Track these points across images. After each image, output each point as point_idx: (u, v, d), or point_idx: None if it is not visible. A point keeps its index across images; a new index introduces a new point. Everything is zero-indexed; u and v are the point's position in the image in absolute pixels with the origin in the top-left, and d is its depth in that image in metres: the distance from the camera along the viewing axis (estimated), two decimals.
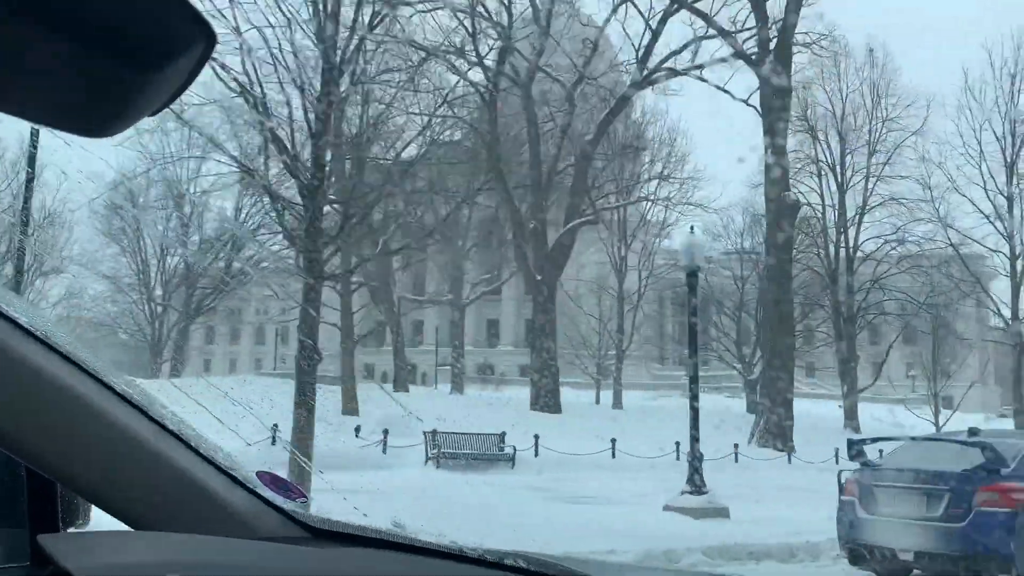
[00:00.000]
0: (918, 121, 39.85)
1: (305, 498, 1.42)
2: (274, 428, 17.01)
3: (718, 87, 35.07)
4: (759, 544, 10.73)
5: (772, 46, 30.33)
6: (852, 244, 42.87)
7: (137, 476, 1.18)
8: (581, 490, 17.00)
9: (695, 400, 14.47)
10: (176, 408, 1.33)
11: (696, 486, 14.09)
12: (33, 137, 13.72)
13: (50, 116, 0.83)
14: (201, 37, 0.79)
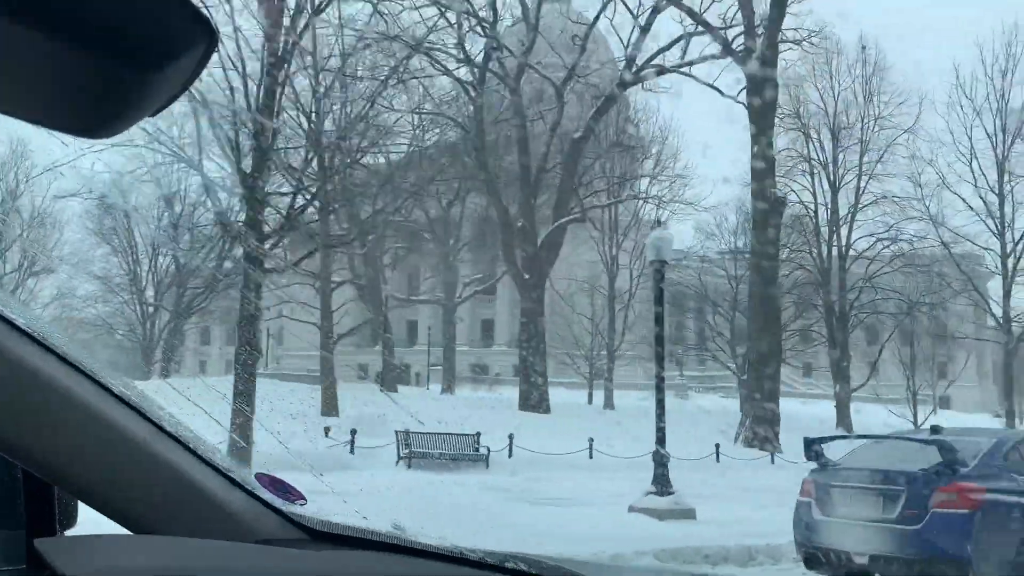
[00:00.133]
0: (910, 119, 39.53)
1: (304, 500, 1.42)
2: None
3: (707, 84, 34.84)
4: (717, 546, 10.36)
5: (758, 42, 29.96)
6: (844, 243, 42.54)
7: (135, 478, 1.18)
8: (552, 491, 16.65)
9: (661, 397, 14.08)
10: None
11: (662, 486, 13.70)
12: None
13: (50, 117, 0.81)
14: (202, 36, 0.77)
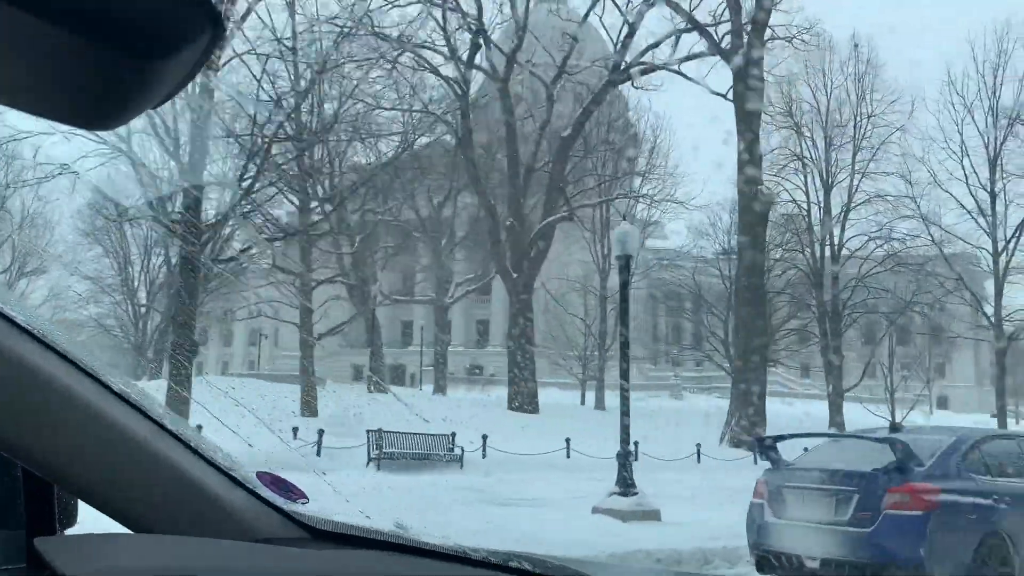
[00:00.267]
0: (903, 117, 39.14)
1: (306, 499, 1.39)
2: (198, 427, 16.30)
3: (695, 81, 34.53)
4: (670, 549, 9.99)
5: (745, 38, 29.62)
6: (837, 242, 42.18)
7: (135, 477, 1.16)
8: (522, 491, 16.31)
9: (626, 396, 13.72)
10: None
11: (625, 487, 13.33)
12: None
13: (52, 109, 0.79)
14: (207, 25, 0.73)
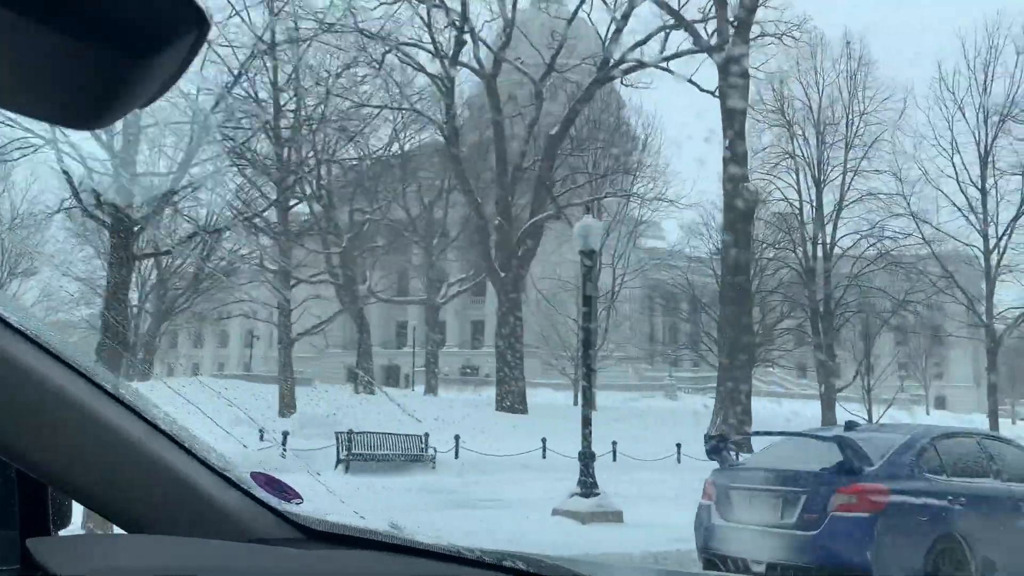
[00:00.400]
0: (895, 115, 38.79)
1: (300, 499, 1.36)
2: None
3: (682, 77, 34.21)
4: (620, 553, 9.67)
5: (730, 34, 29.30)
6: (829, 240, 41.81)
7: (130, 478, 1.15)
8: (489, 493, 15.99)
9: (588, 395, 13.38)
10: None
11: (587, 488, 12.98)
12: None
13: (40, 108, 0.79)
14: (193, 24, 0.74)
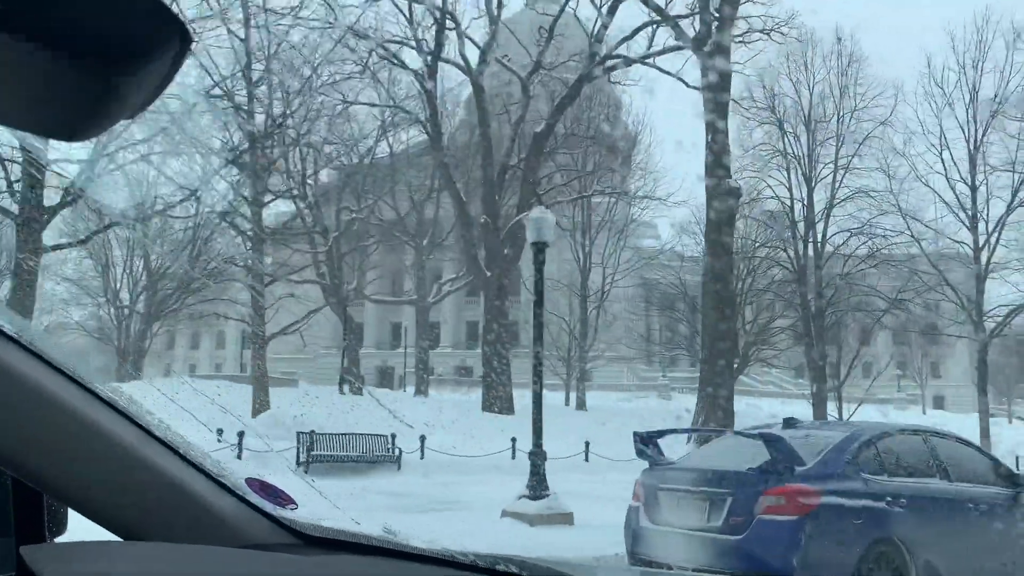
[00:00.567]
0: (886, 111, 38.35)
1: (295, 504, 1.37)
2: None
3: (670, 74, 33.83)
4: (557, 558, 9.22)
5: (712, 27, 28.87)
6: (820, 238, 41.38)
7: (124, 484, 1.14)
8: (451, 494, 15.63)
9: (538, 393, 12.98)
10: None
11: (537, 489, 12.57)
12: None
13: (27, 120, 0.78)
14: (176, 39, 0.75)
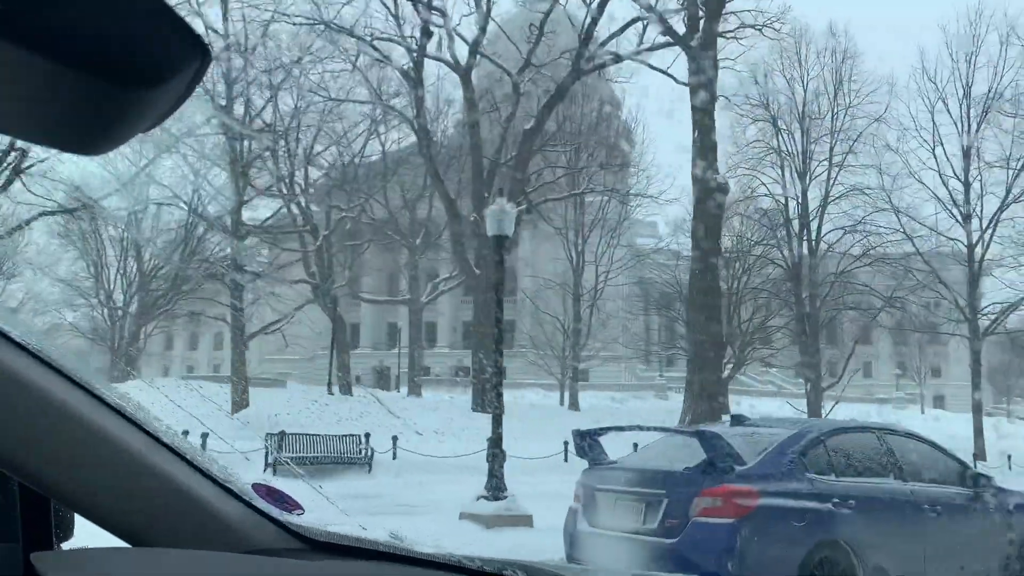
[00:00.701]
0: (881, 108, 37.95)
1: (302, 510, 1.37)
2: None
3: (658, 69, 33.56)
4: (501, 561, 8.90)
5: (700, 24, 28.56)
6: (814, 236, 41.00)
7: (131, 490, 1.14)
8: (417, 496, 15.35)
9: (498, 391, 12.65)
10: None
11: (495, 490, 12.25)
12: None
13: (45, 135, 0.78)
14: (195, 55, 0.75)
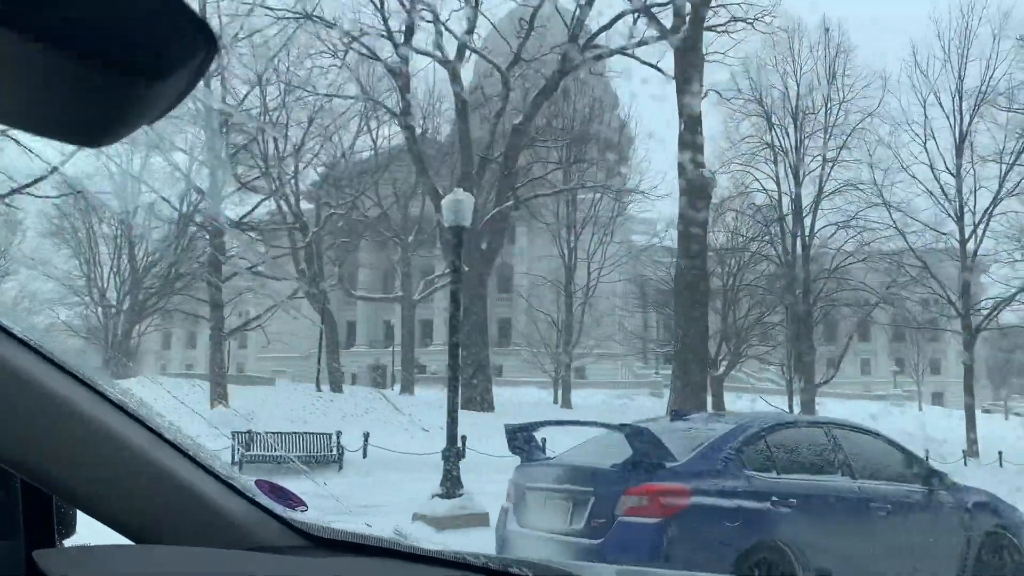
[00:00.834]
0: (874, 103, 37.66)
1: (305, 506, 1.37)
2: None
3: (647, 63, 33.22)
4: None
5: (686, 16, 28.23)
6: (808, 232, 40.69)
7: (134, 487, 1.14)
8: (383, 495, 15.01)
9: (455, 387, 12.32)
10: None
11: (450, 488, 11.93)
12: None
13: (50, 126, 0.78)
14: (202, 44, 0.74)
